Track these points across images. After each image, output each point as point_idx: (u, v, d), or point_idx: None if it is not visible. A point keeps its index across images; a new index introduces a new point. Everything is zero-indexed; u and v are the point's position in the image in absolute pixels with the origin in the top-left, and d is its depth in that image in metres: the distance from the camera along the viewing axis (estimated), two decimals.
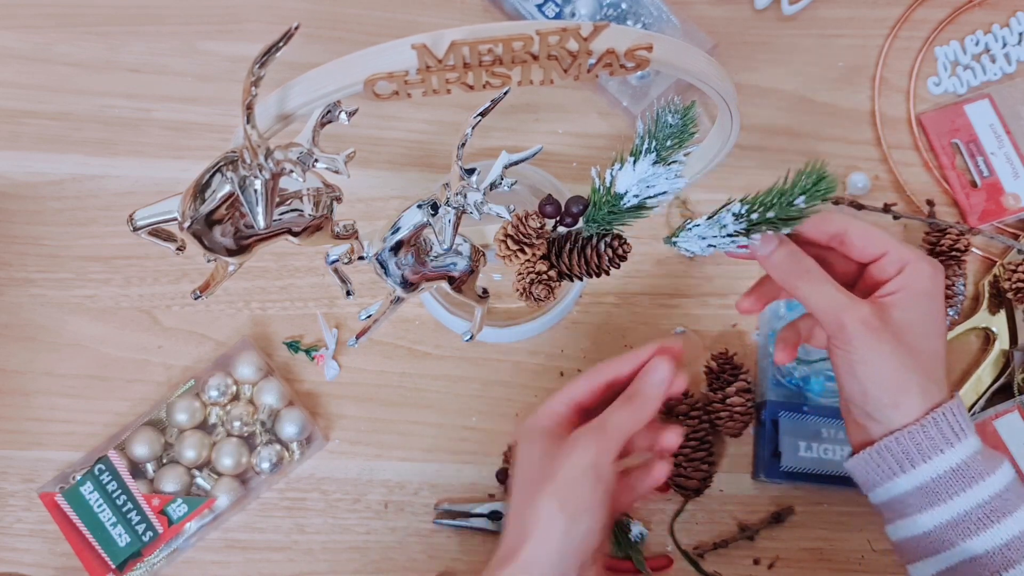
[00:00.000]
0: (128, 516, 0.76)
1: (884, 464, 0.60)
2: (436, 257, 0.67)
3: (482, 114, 0.58)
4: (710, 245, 0.61)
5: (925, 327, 0.60)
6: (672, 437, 0.63)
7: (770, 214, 0.59)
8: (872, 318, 0.59)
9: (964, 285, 0.82)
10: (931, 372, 0.60)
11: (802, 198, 0.58)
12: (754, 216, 0.59)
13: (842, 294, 0.60)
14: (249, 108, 0.54)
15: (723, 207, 0.60)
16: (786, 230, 0.60)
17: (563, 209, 0.63)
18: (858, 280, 0.63)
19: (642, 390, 0.61)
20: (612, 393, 0.63)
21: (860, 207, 0.83)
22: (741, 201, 0.59)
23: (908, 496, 0.60)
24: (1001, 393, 0.81)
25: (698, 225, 0.61)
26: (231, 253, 0.60)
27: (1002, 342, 0.81)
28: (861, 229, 0.62)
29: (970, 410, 0.80)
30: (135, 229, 0.59)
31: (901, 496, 0.60)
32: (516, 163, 0.60)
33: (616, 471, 0.60)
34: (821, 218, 0.61)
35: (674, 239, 0.62)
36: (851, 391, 0.60)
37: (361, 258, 0.65)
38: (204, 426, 0.80)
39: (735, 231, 0.60)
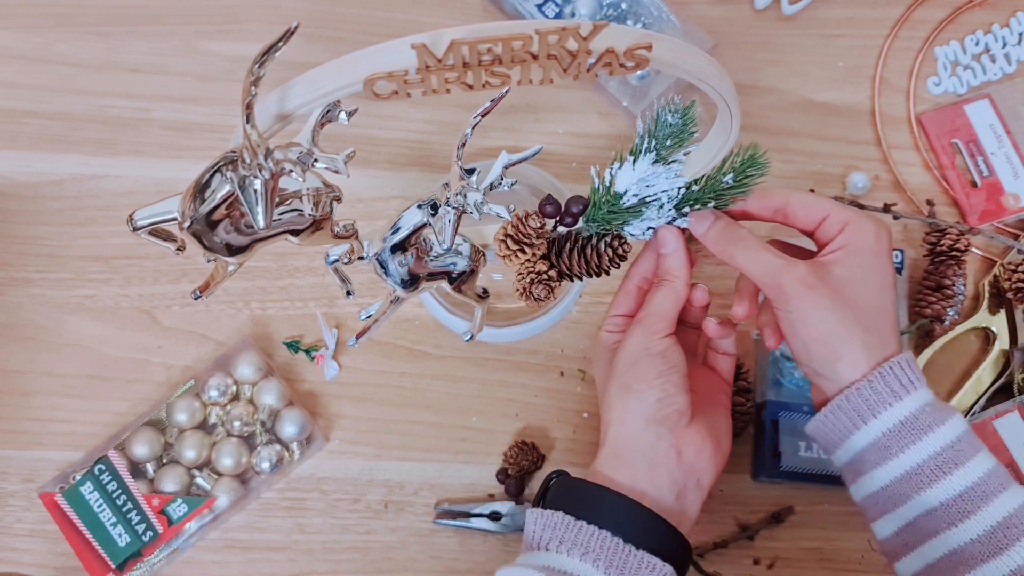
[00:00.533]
0: (128, 516, 0.76)
1: (838, 423, 0.61)
2: (436, 257, 0.67)
3: (482, 114, 0.58)
4: (650, 228, 0.65)
5: (867, 282, 0.61)
6: (699, 294, 0.67)
7: (695, 187, 0.63)
8: (809, 276, 0.61)
9: (964, 285, 0.82)
10: (874, 326, 0.61)
11: (730, 176, 0.62)
12: (682, 190, 0.63)
13: (778, 257, 0.62)
14: (249, 108, 0.53)
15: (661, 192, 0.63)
16: (711, 205, 0.63)
17: (563, 209, 0.63)
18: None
19: (666, 269, 0.66)
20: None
21: (860, 207, 0.83)
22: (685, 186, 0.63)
23: (864, 453, 0.61)
24: (1001, 393, 0.81)
25: (643, 216, 0.64)
26: (231, 253, 0.60)
27: (1002, 342, 0.81)
28: (801, 198, 0.64)
29: (970, 410, 0.80)
30: (135, 229, 0.59)
31: (858, 454, 0.61)
32: (516, 163, 0.60)
33: (673, 343, 0.65)
34: (762, 194, 0.64)
35: (623, 225, 0.64)
36: (796, 350, 0.62)
37: (361, 258, 0.65)
38: (204, 426, 0.80)
39: (671, 211, 0.64)
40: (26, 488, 0.79)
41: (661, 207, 0.64)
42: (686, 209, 0.64)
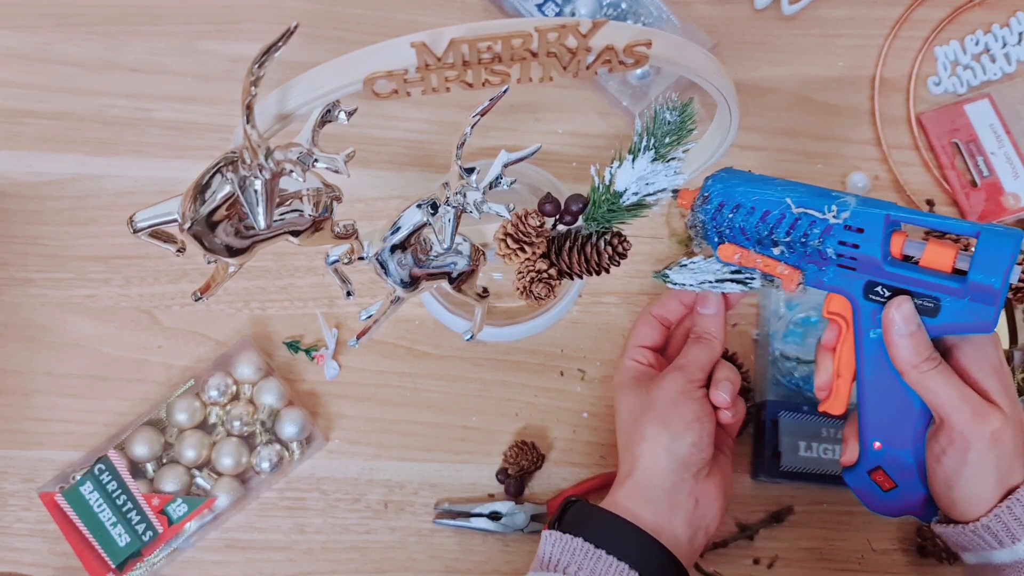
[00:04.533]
0: (128, 516, 0.76)
1: (979, 540, 0.61)
2: (436, 257, 0.67)
3: (481, 113, 0.58)
4: (703, 283, 0.67)
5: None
6: (719, 396, 0.68)
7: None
8: (1001, 429, 0.60)
9: None
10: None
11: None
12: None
13: (973, 393, 0.60)
14: (249, 108, 0.54)
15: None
16: (764, 285, 0.66)
17: (563, 207, 0.63)
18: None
19: (705, 328, 0.70)
20: (668, 334, 0.74)
21: None
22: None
23: (1007, 568, 0.61)
24: None
25: (695, 263, 0.66)
26: (231, 254, 0.60)
27: (1002, 342, 0.81)
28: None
29: None
30: (135, 231, 0.59)
31: (996, 565, 0.61)
32: (515, 162, 0.60)
33: (706, 396, 0.68)
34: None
35: (666, 272, 0.65)
36: (937, 485, 0.62)
37: (361, 258, 0.65)
38: (204, 426, 0.80)
39: (723, 279, 0.66)
40: (26, 488, 0.79)
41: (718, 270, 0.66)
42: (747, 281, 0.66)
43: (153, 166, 0.85)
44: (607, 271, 0.65)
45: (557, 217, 0.64)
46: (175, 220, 0.58)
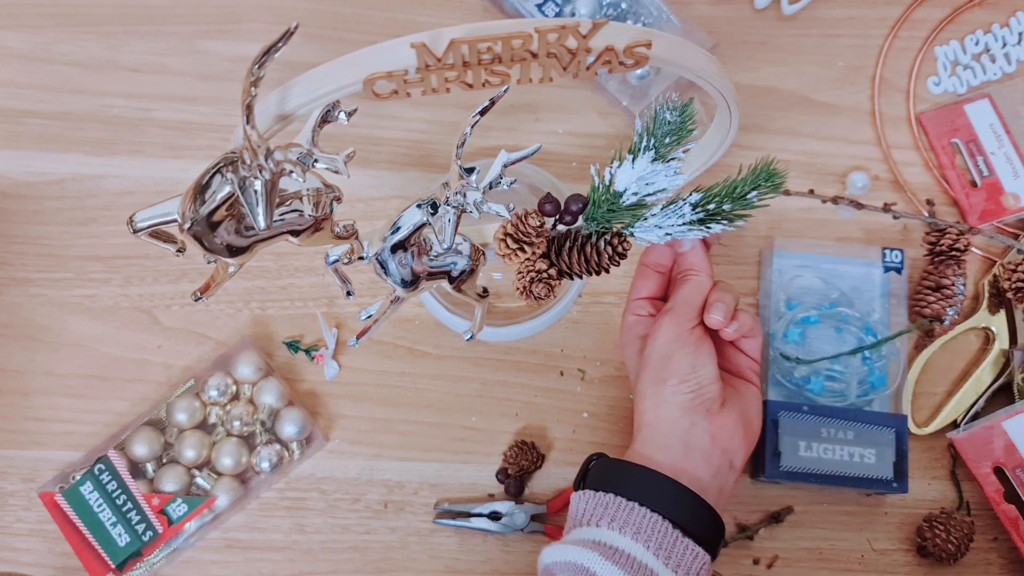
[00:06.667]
0: (128, 516, 0.76)
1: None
2: (436, 256, 0.67)
3: (481, 113, 0.58)
4: (667, 234, 0.65)
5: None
6: (712, 319, 0.69)
7: (726, 206, 0.63)
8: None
9: (964, 285, 0.82)
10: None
11: (754, 192, 0.63)
12: (711, 207, 0.63)
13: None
14: (249, 108, 0.54)
15: (680, 198, 0.63)
16: (740, 223, 0.64)
17: (562, 207, 0.63)
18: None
19: (688, 266, 0.70)
20: (666, 280, 0.73)
21: (860, 207, 0.83)
22: (697, 190, 0.64)
23: None
24: (1001, 393, 0.81)
25: (654, 215, 0.64)
26: (231, 254, 0.60)
27: (1002, 342, 0.81)
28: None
29: (970, 409, 0.80)
30: (135, 231, 0.59)
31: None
32: (515, 162, 0.60)
33: (703, 333, 0.68)
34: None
35: (631, 229, 0.64)
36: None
37: (361, 258, 0.65)
38: (204, 426, 0.80)
39: (692, 220, 0.64)
40: (26, 488, 0.79)
41: (681, 216, 0.64)
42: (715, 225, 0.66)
43: (153, 166, 0.85)
44: (607, 271, 0.65)
45: (557, 217, 0.64)
46: (175, 220, 0.58)
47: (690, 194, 0.64)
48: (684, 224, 0.64)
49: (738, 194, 0.63)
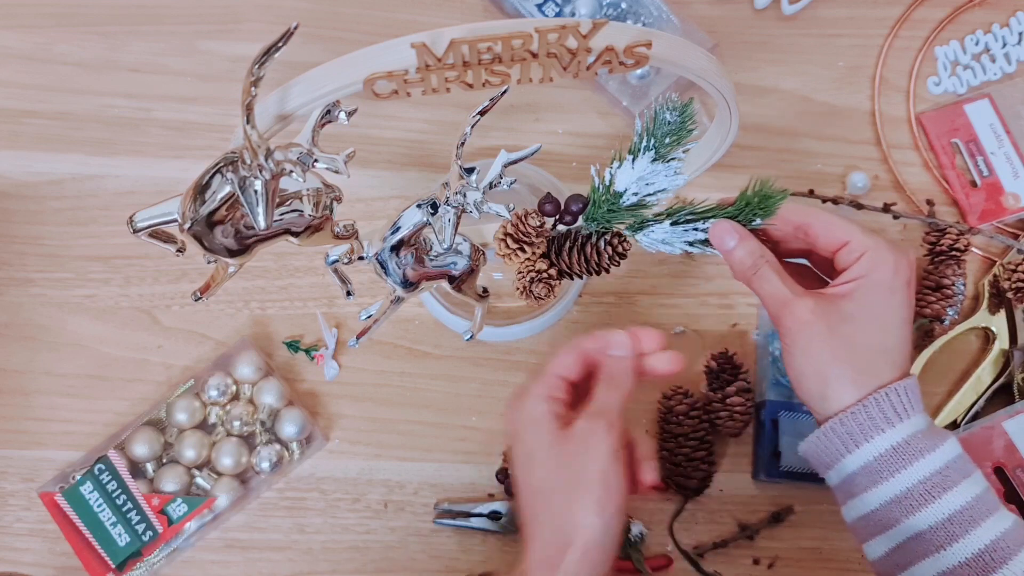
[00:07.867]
0: (128, 516, 0.76)
1: (830, 445, 0.61)
2: (436, 256, 0.67)
3: (481, 112, 0.58)
4: (666, 243, 0.64)
5: (874, 320, 0.61)
6: (648, 474, 0.63)
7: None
8: (808, 312, 0.60)
9: (964, 285, 0.82)
10: (870, 366, 0.60)
11: (758, 221, 0.62)
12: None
13: (787, 288, 0.61)
14: (249, 108, 0.54)
15: (683, 210, 0.63)
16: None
17: (563, 207, 0.63)
18: (833, 270, 0.65)
19: (616, 368, 0.63)
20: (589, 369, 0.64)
21: (860, 207, 0.83)
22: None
23: (855, 476, 0.61)
24: (1001, 393, 0.81)
25: (661, 227, 0.64)
26: (231, 254, 0.60)
27: (1002, 342, 0.81)
28: (823, 219, 0.63)
29: (970, 409, 0.80)
30: (135, 231, 0.59)
31: (849, 476, 0.61)
32: (515, 162, 0.60)
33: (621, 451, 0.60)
34: (784, 210, 0.63)
35: (636, 234, 0.64)
36: (790, 378, 0.63)
37: (361, 258, 0.65)
38: (204, 426, 0.80)
39: (695, 240, 0.64)
40: (26, 488, 0.79)
41: (685, 232, 0.64)
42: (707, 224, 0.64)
43: (153, 166, 0.85)
44: (607, 271, 0.65)
45: (557, 217, 0.64)
46: (175, 220, 0.58)
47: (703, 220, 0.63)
48: (685, 242, 0.65)
49: (744, 219, 0.63)
